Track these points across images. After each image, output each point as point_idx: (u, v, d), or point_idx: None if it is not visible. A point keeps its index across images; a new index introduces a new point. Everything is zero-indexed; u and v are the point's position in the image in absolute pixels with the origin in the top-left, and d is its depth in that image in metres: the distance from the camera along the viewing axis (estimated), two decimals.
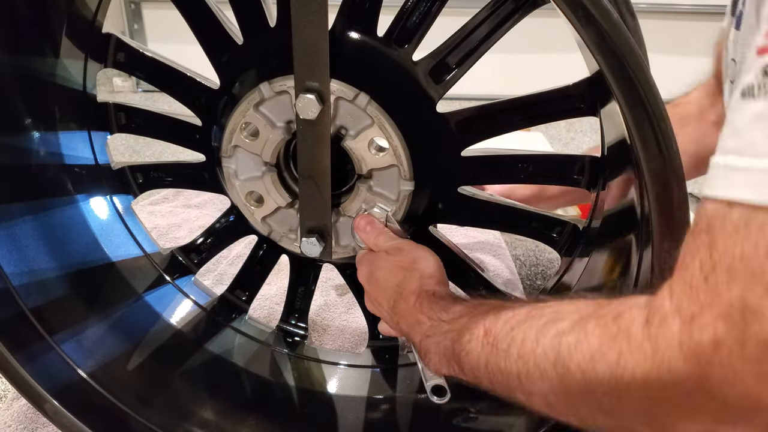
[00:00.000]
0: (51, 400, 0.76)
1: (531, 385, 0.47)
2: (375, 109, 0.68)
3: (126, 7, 2.75)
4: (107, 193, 0.92)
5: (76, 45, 0.81)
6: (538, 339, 0.47)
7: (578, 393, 0.43)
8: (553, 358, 0.45)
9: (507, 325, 0.51)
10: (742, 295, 0.34)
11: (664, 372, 0.37)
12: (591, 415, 0.44)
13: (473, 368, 0.55)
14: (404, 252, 0.70)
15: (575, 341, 0.43)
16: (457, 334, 0.57)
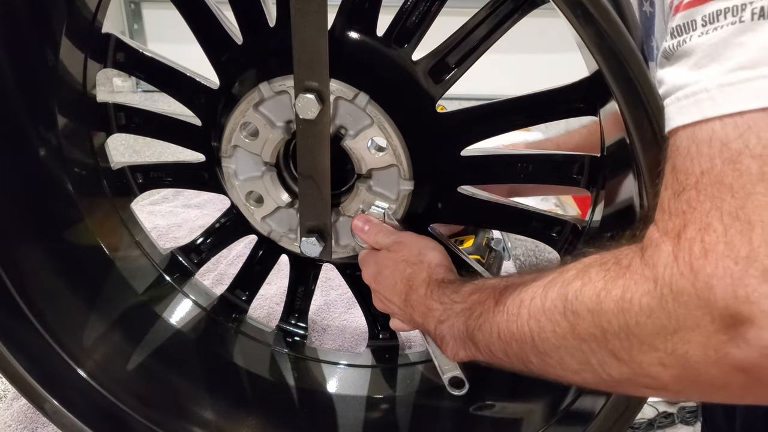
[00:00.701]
0: (51, 400, 0.76)
1: (544, 343, 0.48)
2: (374, 108, 0.68)
3: (126, 7, 2.75)
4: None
5: (76, 45, 0.81)
6: (546, 294, 0.48)
7: (590, 338, 0.43)
8: (561, 307, 0.45)
9: (515, 291, 0.52)
10: (714, 206, 0.37)
11: (667, 293, 0.38)
12: (604, 364, 0.44)
13: (488, 342, 0.55)
14: (407, 246, 0.70)
15: (580, 286, 0.44)
16: (470, 312, 0.58)
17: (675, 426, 1.34)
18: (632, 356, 0.41)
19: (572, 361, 0.46)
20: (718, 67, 0.39)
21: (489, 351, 0.56)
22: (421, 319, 0.66)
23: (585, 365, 0.45)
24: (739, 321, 0.35)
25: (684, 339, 0.38)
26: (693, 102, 0.40)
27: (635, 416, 0.62)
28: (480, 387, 0.85)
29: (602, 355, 0.43)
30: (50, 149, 0.84)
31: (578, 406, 0.68)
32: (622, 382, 0.44)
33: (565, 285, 0.46)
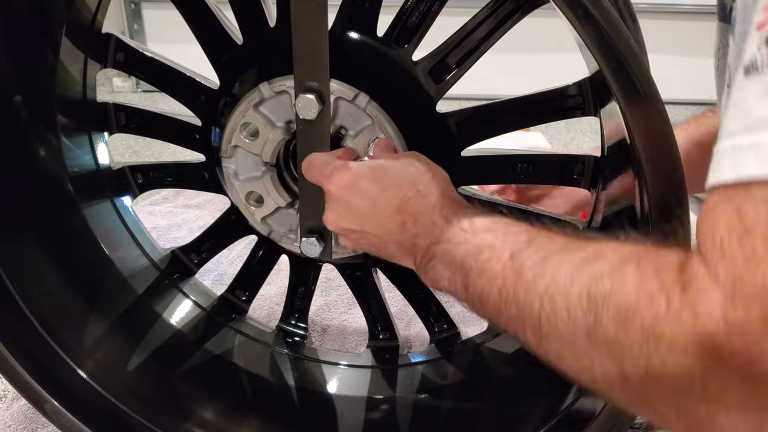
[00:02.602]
0: (51, 400, 0.76)
1: (551, 328, 0.43)
2: (375, 109, 0.68)
3: (126, 7, 2.75)
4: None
5: (76, 45, 0.81)
6: (572, 278, 0.42)
7: (604, 350, 0.39)
8: (585, 302, 0.40)
9: (538, 253, 0.46)
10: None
11: (706, 346, 0.33)
12: (610, 381, 0.40)
13: (482, 291, 0.49)
14: (415, 156, 0.63)
15: (610, 289, 0.39)
16: (476, 249, 0.51)
17: None
18: (644, 389, 0.38)
19: (574, 360, 0.42)
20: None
21: (478, 301, 0.50)
22: (416, 231, 0.57)
23: (586, 370, 0.42)
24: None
25: (707, 401, 0.34)
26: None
27: (636, 417, 0.62)
28: (480, 387, 0.86)
29: (610, 369, 0.39)
30: (50, 149, 0.84)
31: (578, 407, 0.68)
32: (623, 401, 0.41)
33: (596, 280, 0.40)
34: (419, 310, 0.90)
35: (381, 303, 0.89)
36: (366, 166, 0.62)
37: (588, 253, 0.43)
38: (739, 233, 0.33)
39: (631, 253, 0.41)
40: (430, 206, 0.57)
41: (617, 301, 0.38)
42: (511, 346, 0.85)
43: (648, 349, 0.36)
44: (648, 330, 0.36)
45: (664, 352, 0.35)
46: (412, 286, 0.87)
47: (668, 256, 0.39)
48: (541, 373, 0.79)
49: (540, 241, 0.47)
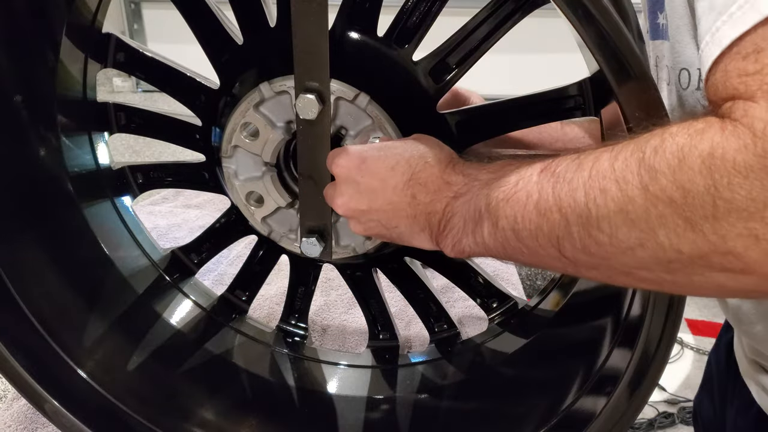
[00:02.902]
0: (51, 400, 0.76)
1: (600, 209, 0.41)
2: (375, 109, 0.68)
3: (126, 7, 2.75)
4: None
5: (76, 45, 0.81)
6: (616, 155, 0.41)
7: (665, 201, 0.37)
8: (635, 164, 0.39)
9: (571, 158, 0.45)
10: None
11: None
12: (674, 236, 0.38)
13: (515, 217, 0.48)
14: (421, 137, 0.63)
15: (660, 142, 0.38)
16: (501, 181, 0.50)
17: (675, 426, 1.34)
18: (715, 226, 0.36)
19: (631, 232, 0.40)
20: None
21: (511, 232, 0.48)
22: (428, 199, 0.56)
23: (647, 237, 0.39)
24: None
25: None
26: (750, 6, 0.36)
27: (636, 417, 0.62)
28: (480, 387, 0.86)
29: (675, 224, 0.37)
30: (50, 149, 0.84)
31: (579, 407, 0.68)
32: (691, 261, 0.38)
33: (641, 144, 0.39)
34: (419, 310, 0.90)
35: (381, 303, 0.89)
36: (372, 146, 0.62)
37: (623, 142, 0.42)
38: (752, 60, 0.35)
39: (672, 125, 0.40)
40: (440, 171, 0.57)
41: (669, 148, 0.38)
42: (512, 347, 0.85)
43: (712, 178, 0.35)
44: (708, 158, 0.35)
45: (729, 174, 0.35)
46: (412, 286, 0.87)
47: (704, 114, 0.39)
48: (541, 373, 0.79)
49: (566, 155, 0.46)
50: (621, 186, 0.40)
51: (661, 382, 1.33)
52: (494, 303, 0.87)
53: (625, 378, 0.59)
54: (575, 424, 0.66)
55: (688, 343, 1.75)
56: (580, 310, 0.78)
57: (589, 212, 0.42)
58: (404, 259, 0.84)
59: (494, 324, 0.88)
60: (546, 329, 0.82)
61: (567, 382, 0.71)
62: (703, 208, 0.36)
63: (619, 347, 0.64)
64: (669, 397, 1.41)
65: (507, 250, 0.50)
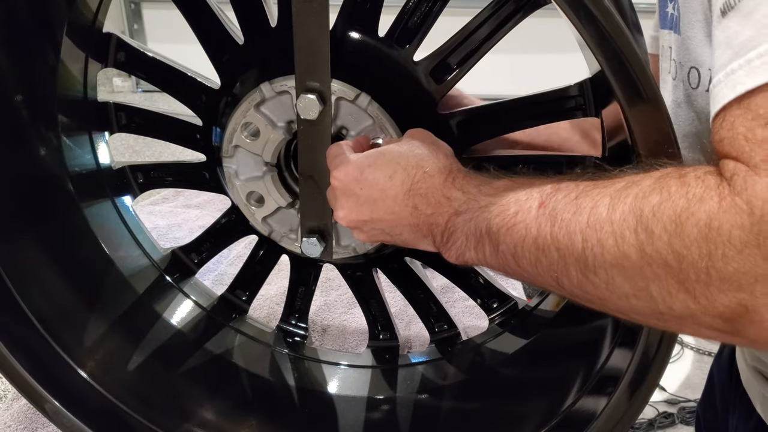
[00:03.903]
0: (51, 400, 0.76)
1: (597, 258, 0.42)
2: (376, 109, 0.68)
3: (126, 7, 2.75)
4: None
5: (77, 45, 0.81)
6: (613, 205, 0.42)
7: (660, 263, 0.39)
8: (633, 222, 0.40)
9: (569, 195, 0.46)
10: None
11: (765, 228, 0.34)
12: (667, 294, 0.39)
13: (514, 246, 0.49)
14: (418, 138, 0.61)
15: (659, 202, 0.39)
16: (502, 208, 0.50)
17: (675, 426, 1.34)
18: (707, 292, 0.37)
19: (626, 284, 0.41)
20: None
21: (512, 257, 0.49)
22: (430, 211, 0.56)
23: (641, 291, 0.41)
24: None
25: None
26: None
27: (637, 417, 0.62)
28: (480, 387, 0.86)
29: (668, 284, 0.39)
30: (51, 149, 0.84)
31: (579, 407, 0.68)
32: (682, 317, 0.40)
33: (639, 197, 0.40)
34: (419, 310, 0.90)
35: (381, 303, 0.89)
36: (368, 155, 0.61)
37: (622, 183, 0.43)
38: (761, 123, 0.36)
39: (667, 171, 0.41)
40: (440, 183, 0.56)
41: (667, 211, 0.38)
42: (512, 347, 0.85)
43: (707, 248, 0.36)
44: (704, 228, 0.36)
45: (724, 246, 0.36)
46: (412, 286, 0.87)
47: (702, 167, 0.40)
48: (541, 373, 0.79)
49: (567, 185, 0.47)
50: (618, 241, 0.41)
51: (662, 383, 1.33)
52: (494, 303, 0.87)
53: (626, 378, 0.59)
54: (576, 424, 0.66)
55: (689, 344, 1.76)
56: (580, 310, 0.78)
57: (586, 258, 0.43)
58: (404, 259, 0.84)
59: (494, 324, 0.88)
60: (546, 329, 0.82)
61: (567, 382, 0.71)
62: (696, 274, 0.37)
63: (619, 347, 0.64)
64: (669, 397, 1.41)
65: (508, 271, 0.51)
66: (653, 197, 0.39)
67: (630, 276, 0.41)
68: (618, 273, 0.41)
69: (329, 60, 0.63)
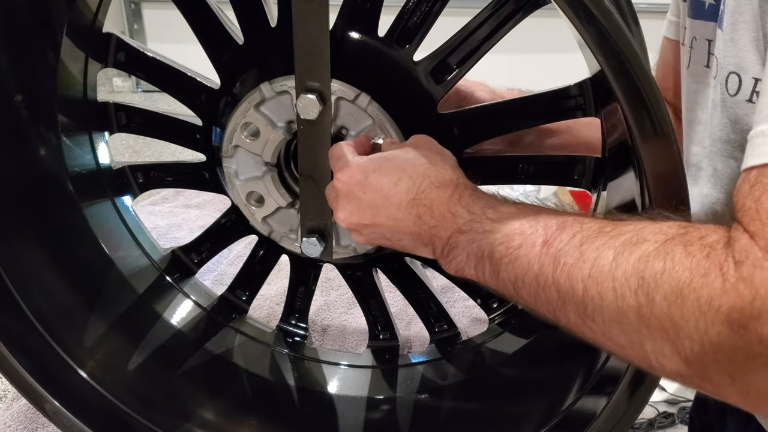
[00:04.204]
0: (51, 400, 0.76)
1: (597, 310, 0.43)
2: (376, 109, 0.68)
3: (126, 7, 2.75)
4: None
5: (77, 45, 0.81)
6: (617, 261, 0.42)
7: (657, 327, 0.39)
8: (635, 284, 0.40)
9: (574, 239, 0.46)
10: None
11: (765, 318, 0.35)
12: (661, 355, 0.40)
13: (515, 277, 0.49)
14: (424, 146, 0.60)
15: (662, 270, 0.39)
16: (505, 237, 0.50)
17: (675, 426, 1.34)
18: (700, 360, 0.38)
19: (622, 336, 0.42)
20: None
21: (511, 286, 0.50)
22: (434, 223, 0.56)
23: (636, 346, 0.42)
24: None
25: (766, 366, 0.36)
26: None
27: (637, 417, 0.62)
28: (480, 387, 0.86)
29: (662, 346, 0.40)
30: (51, 149, 0.84)
31: (579, 407, 0.68)
32: (673, 375, 0.41)
33: (643, 261, 0.40)
34: (419, 310, 0.90)
35: (381, 303, 0.89)
36: (373, 159, 0.60)
37: (627, 236, 0.43)
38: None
39: (673, 233, 0.41)
40: (446, 197, 0.56)
41: (670, 281, 0.38)
42: (512, 347, 0.85)
43: (705, 324, 0.37)
44: (705, 305, 0.37)
45: (721, 326, 0.36)
46: (412, 286, 0.87)
47: (712, 234, 0.39)
48: (541, 373, 0.79)
49: (572, 225, 0.47)
50: (618, 299, 0.41)
51: (661, 382, 1.32)
52: (494, 303, 0.87)
53: (626, 378, 0.59)
54: (575, 424, 0.66)
55: None
56: None
57: (585, 306, 0.44)
58: (404, 259, 0.84)
59: (494, 324, 0.88)
60: (546, 329, 0.82)
61: (567, 382, 0.71)
62: (690, 344, 0.38)
63: None
64: (669, 397, 1.41)
65: (506, 296, 0.52)
66: (657, 263, 0.40)
67: (626, 332, 0.42)
68: (615, 326, 0.42)
69: (329, 60, 0.63)
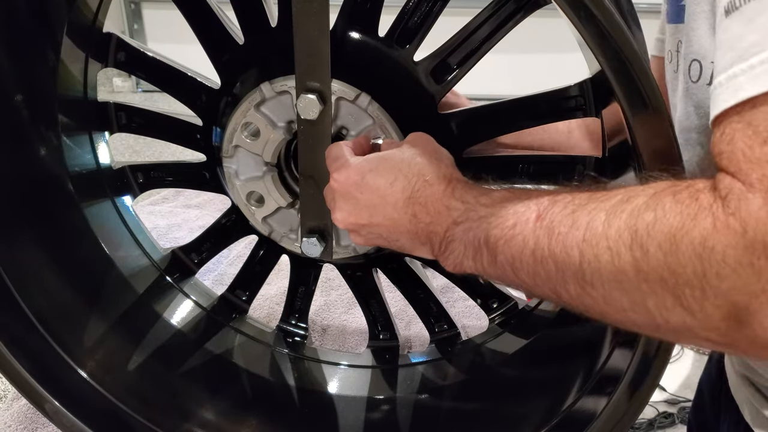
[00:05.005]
0: (51, 400, 0.76)
1: (594, 273, 0.43)
2: (376, 109, 0.68)
3: (126, 7, 2.75)
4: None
5: (77, 45, 0.81)
6: (609, 220, 0.42)
7: (656, 279, 0.39)
8: (628, 239, 0.40)
9: (566, 208, 0.46)
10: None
11: (760, 250, 0.35)
12: (664, 309, 0.40)
13: (512, 258, 0.49)
14: (419, 142, 0.61)
15: (653, 220, 0.39)
16: (498, 219, 0.51)
17: (675, 426, 1.34)
18: (703, 307, 0.38)
19: (623, 298, 0.42)
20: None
21: (510, 268, 0.50)
22: (430, 220, 0.56)
23: (638, 305, 0.41)
24: None
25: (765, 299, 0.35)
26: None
27: (637, 417, 0.62)
28: (480, 387, 0.86)
29: (664, 299, 0.40)
30: (51, 149, 0.84)
31: (579, 407, 0.68)
32: (679, 330, 0.41)
33: (634, 215, 0.41)
34: (419, 310, 0.90)
35: (381, 303, 0.89)
36: (370, 160, 0.61)
37: (618, 197, 0.43)
38: (760, 141, 0.36)
39: (662, 186, 0.41)
40: (440, 192, 0.56)
41: (662, 229, 0.39)
42: (512, 347, 0.85)
43: (702, 267, 0.37)
44: (699, 247, 0.37)
45: (718, 264, 0.36)
46: (412, 286, 0.87)
47: (698, 182, 0.40)
48: (541, 373, 0.79)
49: (563, 197, 0.47)
50: (614, 257, 0.41)
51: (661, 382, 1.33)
52: (494, 303, 0.87)
53: (626, 378, 0.59)
54: (576, 424, 0.66)
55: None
56: None
57: (583, 272, 0.44)
58: (404, 259, 0.84)
59: (494, 324, 0.88)
60: (546, 330, 0.82)
61: (567, 382, 0.71)
62: (691, 290, 0.38)
63: (619, 347, 0.64)
64: (669, 397, 1.40)
65: (506, 281, 0.52)
66: (648, 215, 0.40)
67: (627, 291, 0.41)
68: (615, 288, 0.42)
69: (329, 60, 0.63)
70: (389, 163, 0.59)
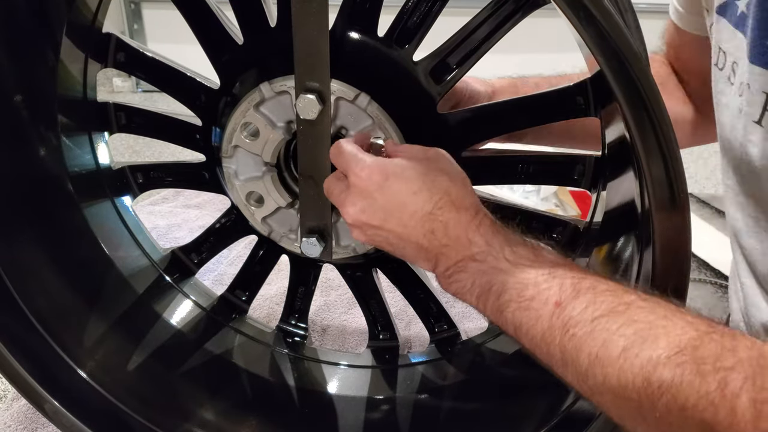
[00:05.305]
0: (51, 400, 0.76)
1: (598, 385, 0.43)
2: (376, 109, 0.68)
3: (126, 7, 2.75)
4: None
5: (77, 45, 0.81)
6: (625, 354, 0.42)
7: (654, 426, 0.40)
8: (640, 384, 0.40)
9: (587, 310, 0.45)
10: None
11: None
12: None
13: (520, 324, 0.49)
14: (443, 161, 0.59)
15: (670, 382, 0.39)
16: (519, 284, 0.50)
17: None
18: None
19: (617, 414, 0.43)
20: None
21: (512, 328, 0.50)
22: (446, 241, 0.54)
23: (629, 424, 0.43)
24: None
25: None
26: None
27: None
28: (480, 387, 0.86)
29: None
30: (50, 149, 0.84)
31: (579, 407, 0.68)
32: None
33: (652, 364, 0.40)
34: (419, 311, 0.90)
35: (381, 303, 0.89)
36: (395, 163, 0.59)
37: (639, 326, 0.42)
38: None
39: (686, 341, 0.40)
40: (465, 221, 0.55)
41: (677, 398, 0.38)
42: (512, 347, 0.85)
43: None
44: (707, 429, 0.37)
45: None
46: (412, 286, 0.87)
47: (728, 356, 0.38)
48: (541, 373, 0.79)
49: (586, 293, 0.47)
50: (621, 388, 0.41)
51: None
52: None
53: None
54: (575, 424, 0.66)
55: None
56: None
57: (587, 377, 0.44)
58: None
59: (494, 324, 0.87)
60: None
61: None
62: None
63: None
64: None
65: (502, 330, 0.52)
66: (666, 373, 0.39)
67: (623, 414, 0.43)
68: (613, 404, 0.43)
69: (329, 60, 0.63)
70: (414, 171, 0.57)
